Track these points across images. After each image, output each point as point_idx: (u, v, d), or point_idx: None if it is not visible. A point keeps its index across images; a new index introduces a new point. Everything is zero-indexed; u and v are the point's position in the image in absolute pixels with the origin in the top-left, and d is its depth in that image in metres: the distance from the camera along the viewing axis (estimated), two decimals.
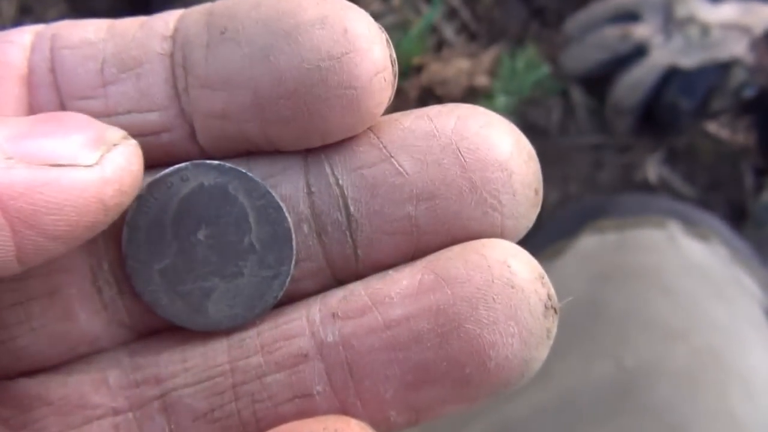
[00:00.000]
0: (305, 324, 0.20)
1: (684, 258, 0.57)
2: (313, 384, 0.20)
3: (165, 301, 0.21)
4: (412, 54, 1.03)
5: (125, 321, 0.21)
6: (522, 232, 0.21)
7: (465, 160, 0.20)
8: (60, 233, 0.18)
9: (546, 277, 0.20)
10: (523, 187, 0.20)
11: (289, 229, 0.21)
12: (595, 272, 0.57)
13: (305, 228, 0.21)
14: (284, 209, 0.21)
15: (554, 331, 0.20)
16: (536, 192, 0.21)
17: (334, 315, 0.20)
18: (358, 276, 0.21)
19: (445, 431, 0.52)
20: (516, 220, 0.20)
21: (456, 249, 0.20)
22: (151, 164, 0.21)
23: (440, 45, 1.08)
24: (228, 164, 0.20)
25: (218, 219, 0.21)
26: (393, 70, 0.19)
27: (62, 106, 0.20)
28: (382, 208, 0.20)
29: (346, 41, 0.19)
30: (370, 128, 0.21)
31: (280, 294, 0.21)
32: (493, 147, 0.20)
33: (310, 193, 0.21)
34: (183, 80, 0.20)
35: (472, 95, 1.02)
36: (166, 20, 0.20)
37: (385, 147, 0.20)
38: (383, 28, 0.20)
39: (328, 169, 0.20)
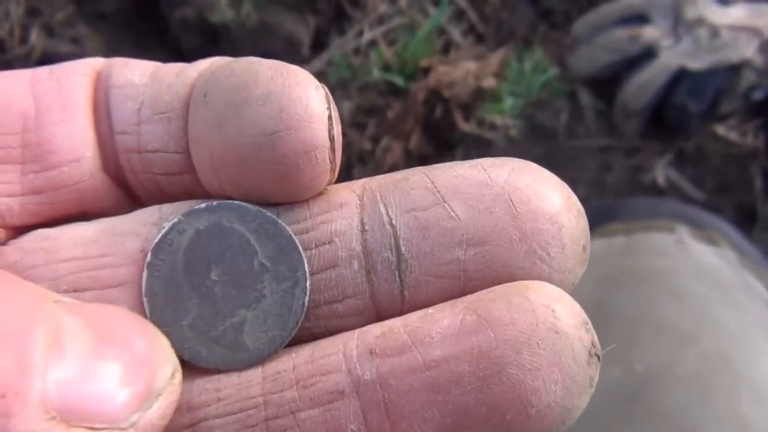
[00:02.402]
0: (342, 359, 0.20)
1: (693, 262, 0.56)
2: (347, 423, 0.19)
3: (204, 353, 0.21)
4: (420, 56, 1.03)
5: None
6: (568, 287, 0.20)
7: (516, 210, 0.20)
8: None
9: (590, 323, 0.20)
10: (572, 241, 0.20)
11: (291, 237, 0.21)
12: (603, 276, 0.57)
13: (355, 265, 0.21)
14: (279, 221, 0.21)
15: (596, 379, 0.19)
16: (584, 248, 0.21)
17: (371, 351, 0.20)
18: None
19: None
20: (563, 274, 0.20)
21: (498, 290, 0.20)
22: (174, 198, 0.22)
23: (448, 47, 1.08)
24: (215, 201, 0.21)
25: (224, 254, 0.21)
26: (331, 146, 0.20)
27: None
28: (432, 250, 0.20)
29: (279, 120, 0.19)
30: (425, 172, 0.21)
31: (306, 300, 0.21)
32: (544, 200, 0.20)
33: (363, 231, 0.21)
34: None
35: (479, 97, 1.02)
36: (198, 70, 0.21)
37: (438, 191, 0.21)
38: (332, 105, 0.20)
39: (382, 209, 0.21)
